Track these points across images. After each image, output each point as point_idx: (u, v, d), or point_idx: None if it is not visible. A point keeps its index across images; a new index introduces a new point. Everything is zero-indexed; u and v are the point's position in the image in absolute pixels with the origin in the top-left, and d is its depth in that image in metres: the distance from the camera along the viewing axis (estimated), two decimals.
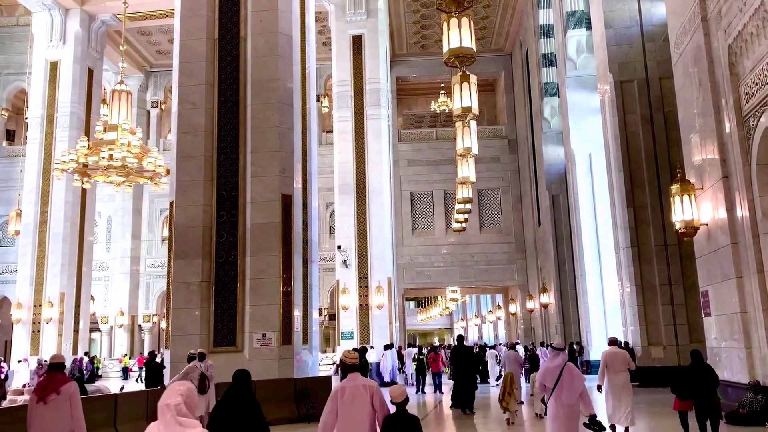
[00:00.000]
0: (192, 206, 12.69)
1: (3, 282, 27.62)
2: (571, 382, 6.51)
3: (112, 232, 30.64)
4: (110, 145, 15.07)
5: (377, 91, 23.73)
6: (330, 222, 27.85)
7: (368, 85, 23.67)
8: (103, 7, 24.02)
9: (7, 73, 28.75)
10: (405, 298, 34.03)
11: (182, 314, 12.42)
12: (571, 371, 6.63)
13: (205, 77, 13.12)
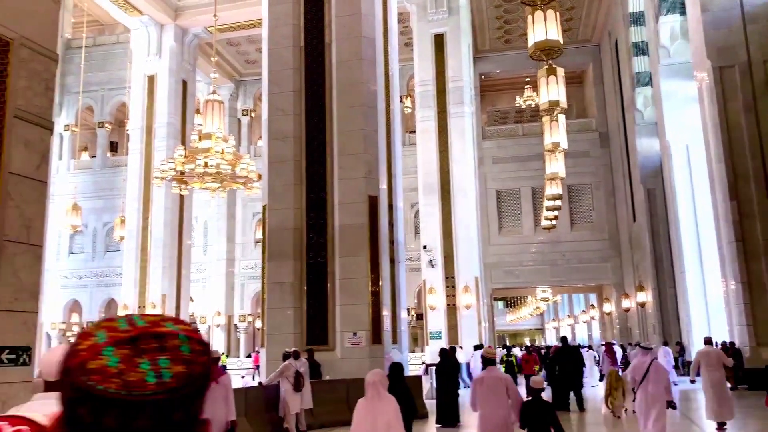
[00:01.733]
0: (283, 209, 13.06)
1: (110, 284, 29.41)
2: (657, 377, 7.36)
3: (209, 235, 31.99)
4: (205, 153, 15.74)
5: (460, 89, 23.54)
6: (415, 222, 27.88)
7: (451, 83, 23.53)
8: (195, 21, 25.15)
9: (110, 88, 30.59)
10: (493, 298, 33.55)
11: (276, 314, 12.80)
12: (657, 368, 7.47)
13: (293, 84, 13.46)
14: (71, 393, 0.75)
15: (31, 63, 5.79)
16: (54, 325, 29.22)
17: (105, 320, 0.80)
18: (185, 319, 19.10)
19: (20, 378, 5.45)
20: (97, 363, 0.74)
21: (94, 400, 0.73)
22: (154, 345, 0.76)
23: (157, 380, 0.74)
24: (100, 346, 0.75)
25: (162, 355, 0.76)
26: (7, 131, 5.50)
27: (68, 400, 0.76)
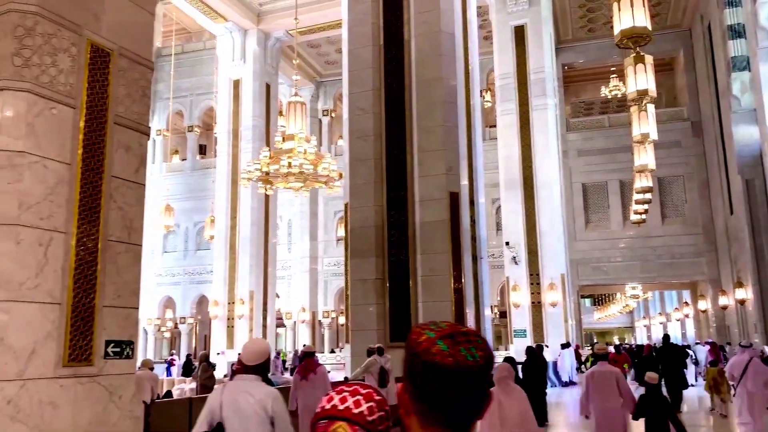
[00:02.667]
0: (365, 207, 13.18)
1: (201, 282, 30.69)
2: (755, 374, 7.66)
3: (293, 234, 32.80)
4: (289, 154, 16.15)
5: (542, 81, 22.99)
6: (496, 218, 27.47)
7: (532, 75, 23.02)
8: (277, 25, 25.82)
9: (198, 93, 31.89)
10: (580, 296, 32.60)
11: (360, 310, 12.95)
12: (756, 365, 7.77)
13: (372, 83, 13.56)
14: (420, 368, 1.14)
15: (129, 72, 6.11)
16: (150, 321, 30.81)
17: (422, 325, 1.21)
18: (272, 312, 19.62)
19: (124, 370, 5.76)
20: (436, 348, 1.13)
21: (437, 372, 1.12)
22: (463, 338, 1.15)
23: (473, 360, 1.13)
24: (433, 339, 1.15)
25: (470, 344, 1.14)
26: (109, 137, 5.82)
27: (417, 374, 1.15)
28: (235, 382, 3.65)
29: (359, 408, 1.40)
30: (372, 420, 1.41)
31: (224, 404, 3.59)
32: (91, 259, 5.59)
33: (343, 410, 1.39)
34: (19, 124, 5.17)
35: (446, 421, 1.14)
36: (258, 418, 3.44)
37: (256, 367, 3.66)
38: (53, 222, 5.32)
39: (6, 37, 5.25)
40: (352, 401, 1.41)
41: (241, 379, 3.60)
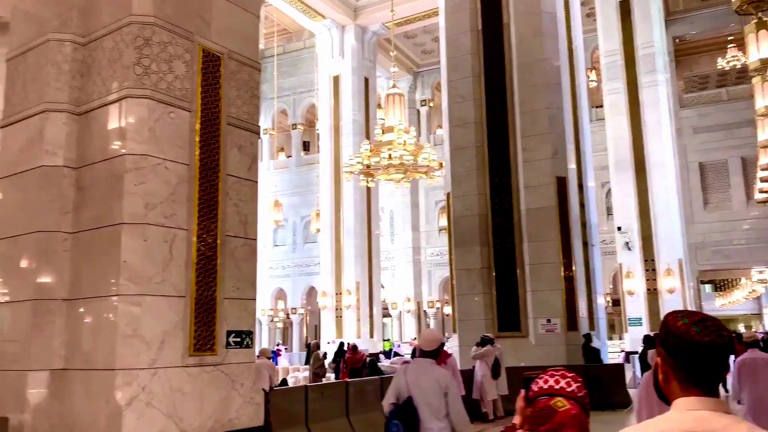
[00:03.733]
0: (467, 196, 13.06)
1: (310, 273, 31.65)
2: None
3: (395, 225, 33.09)
4: (389, 146, 16.26)
5: (651, 56, 21.74)
6: (606, 202, 26.33)
7: (640, 50, 21.82)
8: (373, 18, 26.04)
9: (300, 91, 32.80)
10: (700, 282, 30.69)
11: (466, 300, 12.87)
12: None
13: (471, 69, 13.37)
14: (683, 347, 1.45)
15: (238, 74, 6.35)
16: (263, 311, 32.17)
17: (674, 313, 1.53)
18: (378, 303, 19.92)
19: (244, 359, 6.03)
20: (693, 331, 1.44)
21: (697, 349, 1.43)
22: (711, 323, 1.46)
23: (721, 338, 1.43)
24: (689, 324, 1.46)
25: (716, 326, 1.45)
26: (223, 137, 6.09)
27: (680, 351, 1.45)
28: (415, 364, 4.54)
29: (570, 387, 1.86)
30: (581, 395, 1.86)
31: (409, 381, 4.37)
32: (211, 254, 5.88)
33: (558, 389, 1.85)
34: (142, 129, 5.52)
35: (703, 385, 1.44)
36: (435, 392, 4.23)
37: (432, 352, 4.45)
38: (176, 220, 5.64)
39: (128, 47, 5.61)
40: (564, 382, 1.88)
41: (420, 361, 4.48)
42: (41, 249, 5.74)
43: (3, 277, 6.12)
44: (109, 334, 5.26)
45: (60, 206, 5.75)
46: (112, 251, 5.39)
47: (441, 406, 4.23)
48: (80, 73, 5.95)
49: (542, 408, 1.81)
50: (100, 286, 5.46)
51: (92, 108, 5.82)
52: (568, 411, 1.80)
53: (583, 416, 1.82)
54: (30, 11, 6.36)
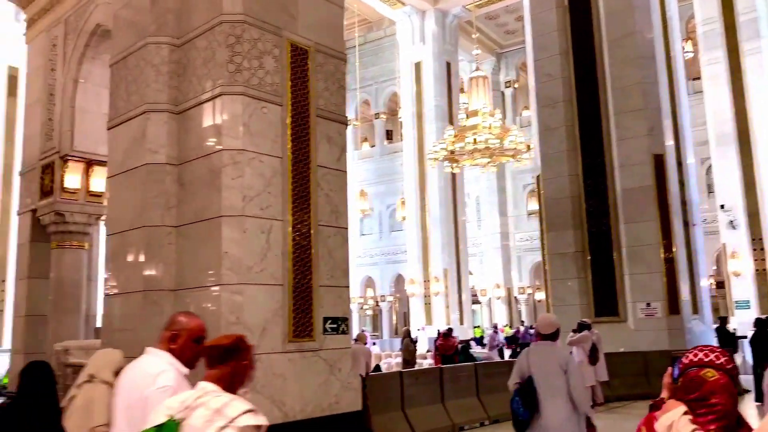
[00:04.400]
0: (558, 178, 12.70)
1: (397, 261, 31.85)
2: None
3: (481, 210, 32.70)
4: (473, 130, 16.09)
5: (754, 21, 20.22)
6: (707, 179, 24.88)
7: (741, 16, 20.33)
8: (453, 2, 25.70)
9: (382, 80, 32.91)
10: None
11: (560, 285, 12.56)
12: None
13: (559, 47, 12.94)
14: None
15: (325, 66, 6.45)
16: (353, 299, 32.73)
17: None
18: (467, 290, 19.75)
19: (341, 344, 6.17)
20: None
21: None
22: None
23: None
24: None
25: None
26: (313, 129, 6.22)
27: None
28: (536, 347, 4.89)
29: (719, 360, 1.92)
30: (730, 367, 1.92)
31: (530, 363, 4.77)
32: (305, 243, 6.03)
33: (707, 361, 1.93)
34: (237, 124, 5.71)
35: None
36: (556, 371, 4.64)
37: (550, 335, 4.84)
38: (271, 211, 5.82)
39: (220, 46, 5.81)
40: (713, 355, 1.94)
41: (540, 344, 4.86)
42: (148, 243, 6.07)
43: (114, 270, 6.54)
44: (214, 322, 5.50)
45: (164, 201, 6.07)
46: (213, 243, 5.64)
47: (561, 384, 4.62)
48: (177, 73, 6.23)
49: (692, 378, 1.91)
50: (203, 276, 5.73)
51: (189, 107, 6.08)
52: (718, 380, 1.88)
53: (731, 386, 1.90)
54: (129, 18, 6.71)
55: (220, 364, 2.18)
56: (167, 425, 2.02)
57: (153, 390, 2.52)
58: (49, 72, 10.19)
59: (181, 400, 2.09)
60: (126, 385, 2.74)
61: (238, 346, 2.23)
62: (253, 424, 1.98)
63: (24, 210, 10.77)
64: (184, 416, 2.01)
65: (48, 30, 10.33)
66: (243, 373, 2.22)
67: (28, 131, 10.88)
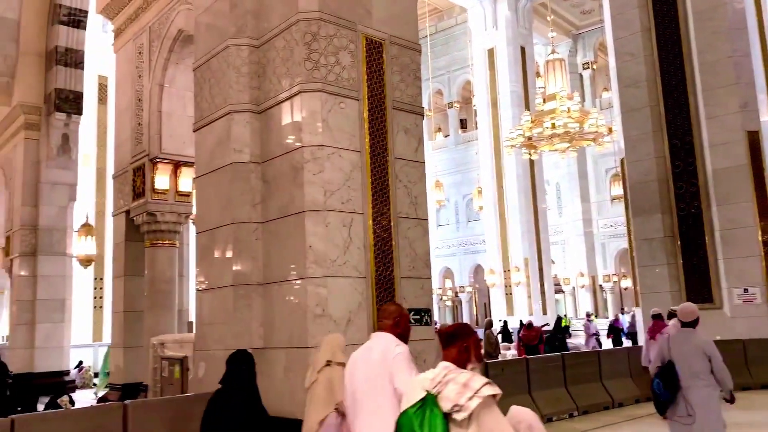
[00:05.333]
0: (644, 160, 12.19)
1: (475, 251, 31.59)
2: None
3: (562, 197, 31.90)
4: (551, 115, 15.66)
5: None
6: None
7: None
8: None
9: (454, 69, 32.62)
10: None
11: (648, 272, 12.08)
12: None
13: (640, 24, 12.39)
14: None
15: (400, 58, 6.45)
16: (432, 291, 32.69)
17: None
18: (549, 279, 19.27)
19: (425, 336, 6.17)
20: None
21: None
22: None
23: None
24: None
25: None
26: (389, 122, 6.24)
27: None
28: (677, 334, 5.26)
29: None
30: None
31: (671, 347, 5.18)
32: (386, 236, 6.07)
33: None
34: (316, 121, 5.81)
35: None
36: (698, 357, 5.01)
37: (691, 322, 5.18)
38: (352, 205, 5.89)
39: (298, 44, 5.92)
40: None
41: (680, 330, 5.22)
42: (236, 239, 6.29)
43: (204, 266, 6.81)
44: (301, 314, 5.64)
45: (249, 199, 6.26)
46: (297, 237, 5.77)
47: (702, 367, 5.01)
48: (257, 73, 6.40)
49: None
50: (289, 270, 5.88)
51: (270, 105, 6.24)
52: None
53: None
54: (210, 22, 6.94)
55: (449, 346, 2.69)
56: (428, 398, 2.51)
57: (396, 354, 3.27)
58: (137, 79, 10.71)
59: (430, 378, 2.58)
60: (364, 361, 3.41)
61: (457, 332, 2.73)
62: (492, 393, 2.45)
63: (118, 211, 11.39)
64: (438, 390, 2.51)
65: (134, 38, 10.85)
66: (468, 352, 2.68)
67: (119, 136, 11.49)
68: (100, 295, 22.18)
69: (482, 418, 2.44)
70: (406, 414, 2.54)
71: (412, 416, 2.52)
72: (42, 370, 15.16)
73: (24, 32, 15.86)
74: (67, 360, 16.37)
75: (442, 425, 2.45)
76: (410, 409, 2.54)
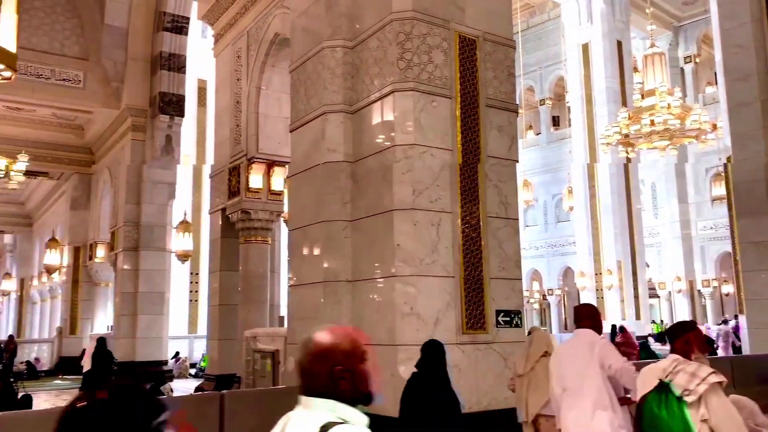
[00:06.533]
0: (753, 158, 11.40)
1: (565, 253, 30.71)
2: None
3: (658, 198, 30.47)
4: (650, 111, 14.99)
5: None
6: None
7: None
8: None
9: (546, 65, 31.84)
10: None
11: (755, 277, 11.30)
12: None
13: (750, 13, 11.60)
14: None
15: (494, 55, 6.37)
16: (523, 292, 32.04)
17: None
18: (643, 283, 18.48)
19: (515, 338, 6.06)
20: None
21: None
22: None
23: None
24: None
25: None
26: (482, 120, 6.17)
27: None
28: None
29: None
30: None
31: None
32: (475, 235, 6.01)
33: None
34: (408, 120, 5.83)
35: None
36: None
37: None
38: (441, 204, 5.87)
39: (391, 44, 5.96)
40: None
41: None
42: (326, 236, 6.42)
43: (296, 262, 7.00)
44: (389, 312, 5.68)
45: (340, 197, 6.38)
46: (386, 236, 5.82)
47: None
48: (351, 74, 6.50)
49: None
50: (377, 268, 5.93)
51: (363, 106, 6.32)
52: None
53: None
54: (306, 26, 7.12)
55: (674, 340, 3.26)
56: (663, 384, 3.02)
57: (602, 343, 4.04)
58: (235, 82, 11.14)
59: (662, 368, 3.11)
60: (570, 354, 4.12)
61: (677, 328, 3.36)
62: (717, 380, 2.90)
63: (214, 209, 11.90)
64: (670, 378, 3.02)
65: (233, 43, 11.29)
66: (690, 345, 3.18)
67: (218, 137, 11.99)
68: (195, 289, 23.26)
69: (710, 400, 2.89)
70: (646, 398, 3.05)
71: (651, 400, 3.03)
72: (143, 359, 16.07)
73: (132, 39, 16.89)
74: (166, 350, 17.29)
75: (677, 406, 2.93)
76: (649, 394, 3.05)
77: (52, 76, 16.43)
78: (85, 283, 20.73)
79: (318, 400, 1.59)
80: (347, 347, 1.64)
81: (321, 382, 1.60)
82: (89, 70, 16.94)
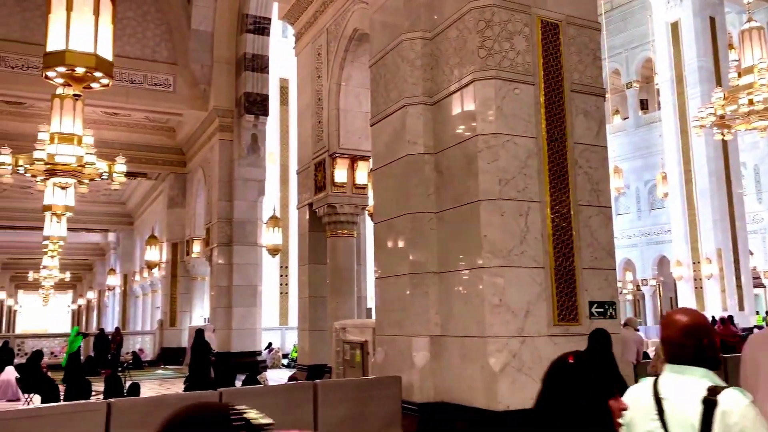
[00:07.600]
0: None
1: (659, 242, 29.39)
2: None
3: (761, 181, 28.57)
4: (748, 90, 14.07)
5: None
6: None
7: None
8: None
9: (632, 47, 30.51)
10: None
11: None
12: None
13: None
14: None
15: (578, 38, 6.16)
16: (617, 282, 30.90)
17: None
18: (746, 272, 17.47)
19: (609, 330, 5.85)
20: None
21: None
22: None
23: None
24: None
25: None
26: (567, 105, 5.99)
27: None
28: None
29: None
30: None
31: None
32: (565, 225, 5.85)
33: None
34: (490, 109, 5.74)
35: None
36: None
37: None
38: (528, 193, 5.74)
39: (471, 33, 5.88)
40: None
41: None
42: (412, 228, 6.43)
43: (381, 255, 7.05)
44: (478, 304, 5.63)
45: (424, 189, 6.36)
46: (472, 227, 5.76)
47: None
48: (430, 66, 6.47)
49: None
50: (464, 259, 5.89)
51: (443, 96, 6.28)
52: None
53: None
54: (384, 20, 7.15)
55: None
56: None
57: None
58: (316, 79, 11.35)
59: None
60: None
61: None
62: None
63: (302, 204, 12.19)
64: None
65: (313, 41, 11.50)
66: None
67: (301, 134, 12.27)
68: (285, 282, 23.95)
69: None
70: None
71: None
72: (238, 349, 16.73)
73: (217, 42, 17.55)
74: (259, 341, 17.93)
75: None
76: None
77: (144, 82, 17.33)
78: (182, 277, 21.78)
79: (691, 368, 1.97)
80: (707, 324, 2.03)
81: (690, 352, 1.97)
82: (178, 74, 17.74)
